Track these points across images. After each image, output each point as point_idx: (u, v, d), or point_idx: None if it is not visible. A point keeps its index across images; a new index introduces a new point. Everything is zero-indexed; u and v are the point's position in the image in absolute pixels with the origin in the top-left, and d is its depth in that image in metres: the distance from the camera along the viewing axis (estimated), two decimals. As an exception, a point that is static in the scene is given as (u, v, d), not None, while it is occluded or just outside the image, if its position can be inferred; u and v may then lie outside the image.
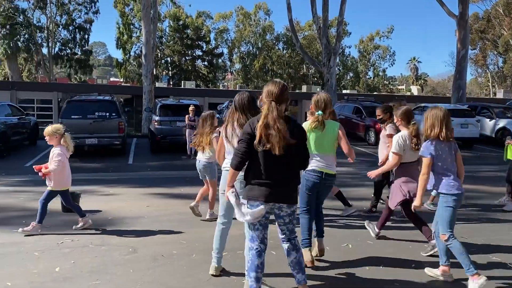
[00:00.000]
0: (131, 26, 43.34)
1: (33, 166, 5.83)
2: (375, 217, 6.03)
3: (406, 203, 4.93)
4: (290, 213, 3.56)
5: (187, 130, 12.41)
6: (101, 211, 6.77)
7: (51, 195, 5.73)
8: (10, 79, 36.95)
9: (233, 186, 3.60)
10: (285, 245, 3.64)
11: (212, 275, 4.28)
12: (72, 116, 12.15)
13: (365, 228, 5.82)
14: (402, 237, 5.68)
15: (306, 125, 4.40)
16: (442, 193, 4.07)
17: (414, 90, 57.88)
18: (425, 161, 4.08)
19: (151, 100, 19.42)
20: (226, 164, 4.06)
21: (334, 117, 4.83)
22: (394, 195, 5.05)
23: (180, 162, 11.97)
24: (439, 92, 64.58)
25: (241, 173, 3.59)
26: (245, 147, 3.43)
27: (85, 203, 6.94)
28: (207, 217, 6.31)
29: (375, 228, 5.52)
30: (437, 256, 4.42)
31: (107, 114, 12.52)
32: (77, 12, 41.12)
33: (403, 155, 4.90)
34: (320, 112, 4.35)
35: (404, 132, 5.01)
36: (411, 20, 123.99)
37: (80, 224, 5.79)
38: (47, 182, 5.73)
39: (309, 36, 48.37)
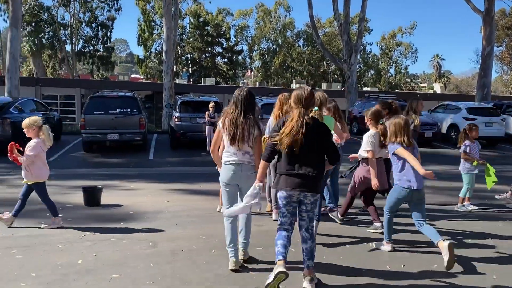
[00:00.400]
0: (152, 23, 43.80)
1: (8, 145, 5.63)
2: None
3: (366, 191, 5.69)
4: (313, 201, 3.93)
5: (207, 127, 12.45)
6: (122, 205, 6.86)
7: (27, 188, 5.64)
8: (34, 75, 37.83)
9: (261, 181, 4.01)
10: (303, 234, 4.01)
11: (232, 270, 4.29)
12: (95, 112, 12.34)
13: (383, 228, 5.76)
14: (425, 236, 5.59)
15: None
16: (396, 184, 4.81)
17: (437, 88, 56.79)
18: (387, 155, 5.15)
19: (172, 96, 19.58)
20: (227, 159, 4.34)
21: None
22: (358, 184, 5.69)
23: (200, 159, 12.04)
24: (462, 90, 63.24)
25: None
26: (273, 142, 3.86)
27: (106, 198, 7.07)
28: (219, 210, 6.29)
29: (338, 215, 6.01)
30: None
31: (129, 110, 12.65)
32: (99, 10, 41.84)
33: (375, 151, 5.46)
34: (316, 108, 4.56)
35: (372, 131, 5.53)
36: (434, 16, 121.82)
37: (51, 223, 5.64)
38: (22, 174, 5.64)
39: (330, 33, 47.97)
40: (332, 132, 5.32)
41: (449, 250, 4.30)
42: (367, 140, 5.45)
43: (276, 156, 3.96)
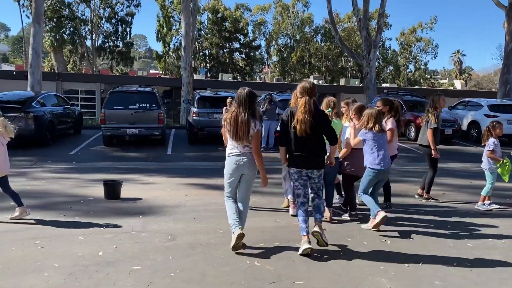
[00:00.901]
0: (171, 19, 44.02)
1: None
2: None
3: (347, 176, 6.19)
4: (319, 175, 4.85)
5: (225, 122, 12.51)
6: (141, 199, 6.96)
7: None
8: (56, 70, 38.44)
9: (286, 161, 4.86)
10: (312, 196, 4.90)
11: (235, 245, 4.61)
12: (115, 107, 12.51)
13: (402, 225, 5.74)
14: (443, 236, 5.54)
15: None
16: (367, 166, 5.55)
17: (457, 84, 55.76)
18: (357, 139, 5.70)
19: (190, 92, 19.69)
20: (230, 151, 4.85)
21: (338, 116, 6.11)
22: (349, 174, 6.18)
23: (217, 154, 12.10)
24: (484, 86, 61.94)
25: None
26: (284, 129, 4.75)
27: (126, 191, 7.18)
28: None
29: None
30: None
31: (148, 105, 12.79)
32: (119, 5, 42.23)
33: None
34: (330, 109, 5.55)
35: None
36: (455, 11, 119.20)
37: (16, 214, 5.63)
38: None
39: (348, 28, 47.47)
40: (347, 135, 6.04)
41: (382, 219, 5.31)
42: (351, 132, 6.01)
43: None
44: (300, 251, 4.60)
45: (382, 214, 5.36)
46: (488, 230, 5.84)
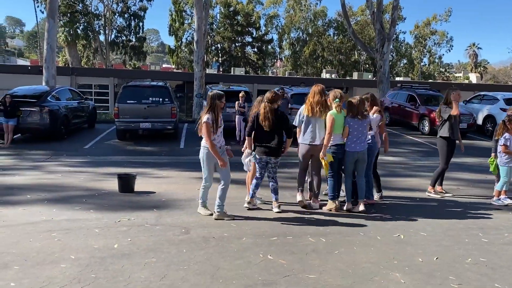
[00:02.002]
0: (183, 13, 44.11)
1: None
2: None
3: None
4: (275, 162, 6.08)
5: (237, 116, 12.51)
6: (155, 192, 7.03)
7: None
8: (70, 65, 38.83)
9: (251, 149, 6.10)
10: (270, 180, 6.11)
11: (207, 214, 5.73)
12: (128, 101, 12.59)
13: (415, 220, 5.71)
14: (458, 230, 5.50)
15: (334, 112, 6.05)
16: (346, 149, 6.13)
17: (473, 77, 54.95)
18: (346, 130, 6.11)
19: (202, 86, 19.73)
20: (203, 143, 5.73)
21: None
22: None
23: (230, 148, 12.12)
24: (500, 80, 60.93)
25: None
26: (251, 123, 6.03)
27: (140, 185, 7.25)
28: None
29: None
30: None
31: (161, 99, 12.84)
32: (132, 0, 42.37)
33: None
34: (337, 99, 6.05)
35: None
36: (471, 3, 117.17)
37: None
38: None
39: (362, 21, 47.03)
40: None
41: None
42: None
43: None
44: (245, 205, 6.22)
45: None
46: (504, 225, 5.78)
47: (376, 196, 6.75)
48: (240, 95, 12.51)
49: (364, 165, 6.25)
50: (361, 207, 6.16)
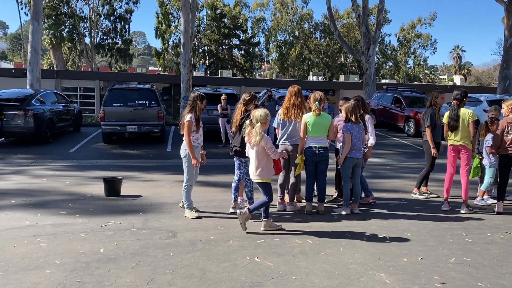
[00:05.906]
0: (170, 16, 43.94)
1: None
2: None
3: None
4: (245, 162, 5.95)
5: (220, 119, 12.52)
6: (141, 196, 6.99)
7: None
8: (55, 68, 38.40)
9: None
10: (245, 180, 6.02)
11: (195, 217, 5.76)
12: (114, 104, 12.51)
13: (401, 220, 5.77)
14: (442, 231, 5.58)
15: (309, 115, 6.01)
16: (347, 155, 6.14)
17: (457, 80, 55.70)
18: (347, 138, 6.10)
19: (189, 88, 19.67)
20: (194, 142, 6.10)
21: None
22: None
23: (217, 151, 12.12)
24: (483, 82, 61.93)
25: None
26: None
27: (126, 188, 7.21)
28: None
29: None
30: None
31: (147, 102, 12.79)
32: (118, 2, 42.20)
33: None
34: (317, 103, 5.95)
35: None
36: (455, 7, 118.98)
37: None
38: None
39: (348, 24, 47.47)
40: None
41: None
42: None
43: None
44: (230, 209, 6.13)
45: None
46: (487, 225, 5.88)
47: (362, 196, 6.81)
48: (222, 97, 12.52)
49: (360, 168, 6.36)
50: (356, 210, 6.27)
